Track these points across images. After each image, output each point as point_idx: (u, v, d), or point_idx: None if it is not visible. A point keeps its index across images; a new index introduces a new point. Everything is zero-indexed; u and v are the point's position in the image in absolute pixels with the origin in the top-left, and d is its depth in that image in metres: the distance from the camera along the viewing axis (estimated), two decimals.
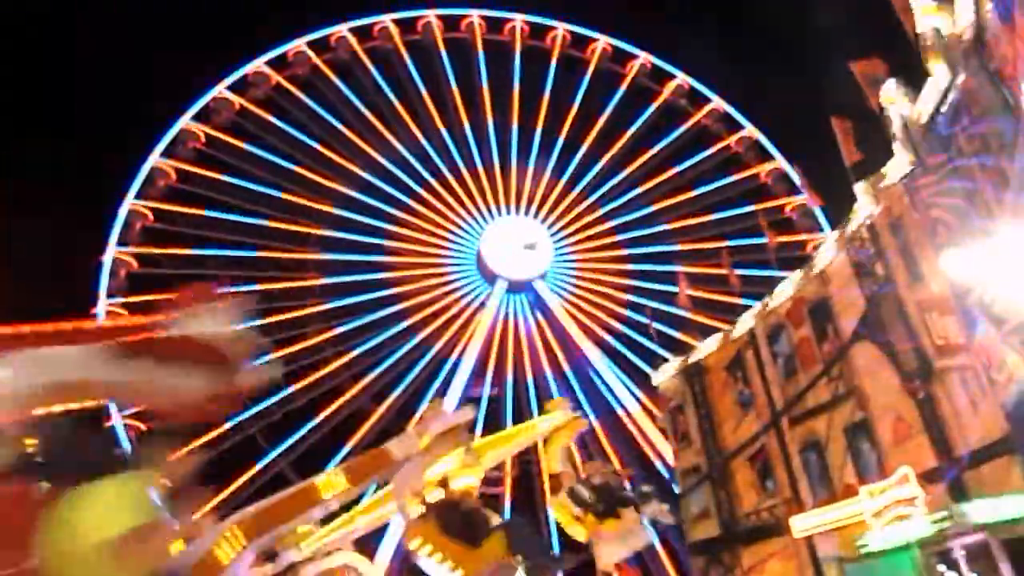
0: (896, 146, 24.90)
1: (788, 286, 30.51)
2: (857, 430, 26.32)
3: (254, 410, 41.92)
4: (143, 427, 39.69)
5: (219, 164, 46.90)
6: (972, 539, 20.14)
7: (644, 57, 53.37)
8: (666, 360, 37.97)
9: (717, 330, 36.38)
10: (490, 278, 50.44)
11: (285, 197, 47.39)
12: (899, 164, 24.83)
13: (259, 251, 46.14)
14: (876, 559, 22.54)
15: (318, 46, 49.94)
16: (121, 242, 43.31)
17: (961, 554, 20.34)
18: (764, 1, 53.48)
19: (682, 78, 53.03)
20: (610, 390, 48.27)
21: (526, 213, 52.17)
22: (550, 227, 52.28)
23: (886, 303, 25.03)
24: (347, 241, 48.40)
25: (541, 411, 48.36)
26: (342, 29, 50.48)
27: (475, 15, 53.18)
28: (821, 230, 46.12)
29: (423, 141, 51.19)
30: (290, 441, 42.38)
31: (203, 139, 46.90)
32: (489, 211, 51.66)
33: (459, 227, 50.99)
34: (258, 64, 48.54)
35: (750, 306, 33.24)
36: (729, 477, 31.88)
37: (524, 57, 53.44)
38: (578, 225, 52.72)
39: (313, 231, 47.76)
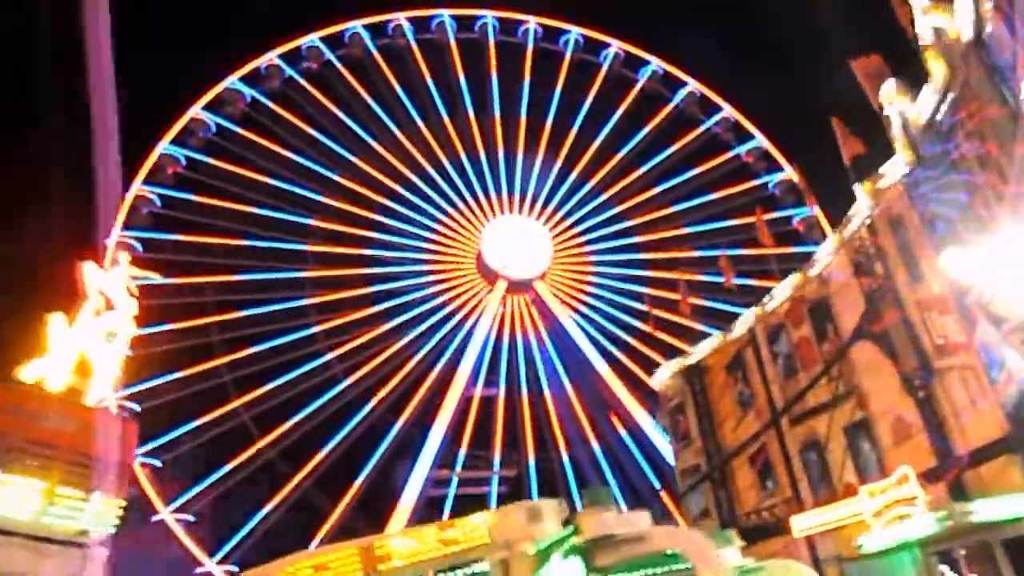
0: (896, 145, 24.90)
1: (787, 286, 30.50)
2: (857, 430, 26.30)
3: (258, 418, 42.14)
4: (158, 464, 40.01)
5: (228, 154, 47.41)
6: (972, 539, 20.12)
7: (655, 63, 53.92)
8: (666, 359, 37.96)
9: (717, 329, 36.34)
10: (491, 278, 50.46)
11: (287, 189, 47.73)
12: (899, 163, 24.83)
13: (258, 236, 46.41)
14: (876, 559, 22.52)
15: (329, 42, 50.50)
16: (149, 183, 44.06)
17: (961, 553, 20.33)
18: (764, 2, 53.49)
19: (661, 67, 53.51)
20: (608, 388, 48.26)
21: (529, 214, 52.27)
22: (550, 227, 52.33)
23: (886, 302, 25.02)
24: (346, 243, 48.50)
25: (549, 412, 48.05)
26: (356, 25, 51.01)
27: (532, 22, 54.11)
28: (822, 230, 46.23)
29: (424, 143, 51.45)
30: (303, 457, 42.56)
31: (213, 131, 47.48)
32: (491, 211, 51.72)
33: (461, 227, 51.04)
34: (271, 57, 48.98)
35: (749, 304, 33.25)
36: (729, 477, 31.87)
37: (536, 62, 54.03)
38: (577, 222, 52.81)
39: (317, 223, 47.96)
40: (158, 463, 40.03)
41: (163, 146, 45.47)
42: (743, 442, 31.27)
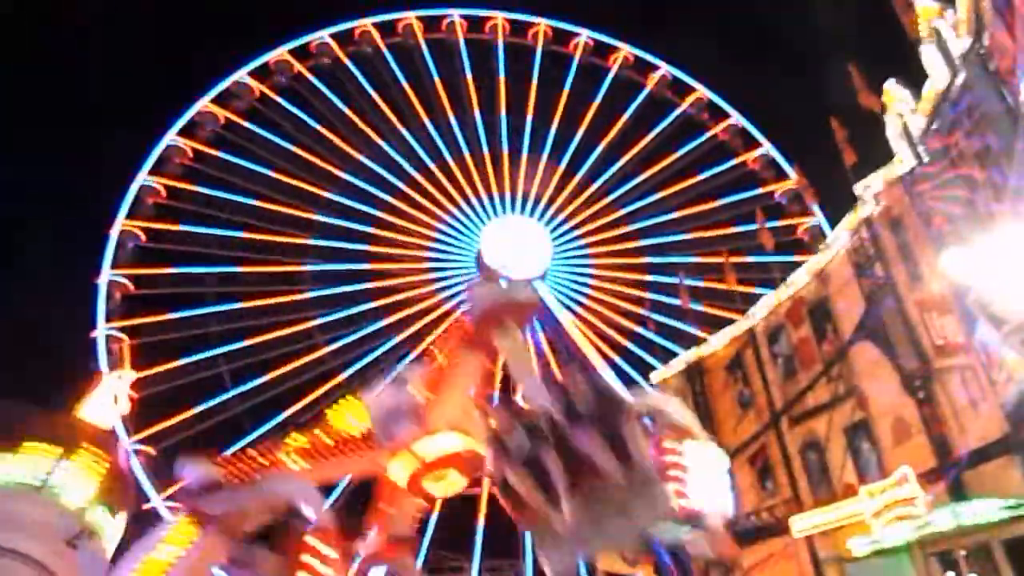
0: (896, 146, 24.92)
1: (786, 287, 30.54)
2: (857, 430, 26.31)
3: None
4: (152, 452, 40.14)
5: (226, 156, 47.59)
6: (972, 539, 20.13)
7: (660, 65, 53.80)
8: (665, 360, 37.98)
9: (717, 329, 36.34)
10: (490, 278, 50.39)
11: (286, 192, 47.90)
12: (899, 164, 24.85)
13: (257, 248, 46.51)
14: (876, 559, 22.54)
15: (303, 51, 50.52)
16: (130, 216, 44.01)
17: (961, 554, 20.34)
18: (766, 2, 53.53)
19: (667, 70, 53.38)
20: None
21: (525, 212, 52.26)
22: (550, 226, 52.31)
23: (886, 303, 25.04)
24: (347, 246, 48.58)
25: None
26: (325, 34, 50.96)
27: (500, 17, 53.91)
28: (824, 236, 46.34)
29: (425, 140, 51.52)
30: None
31: (222, 121, 47.73)
32: (489, 210, 51.74)
33: (459, 227, 51.05)
34: (242, 75, 49.04)
35: (752, 301, 33.27)
36: (729, 477, 31.83)
37: (543, 64, 54.11)
38: (577, 222, 52.79)
39: (313, 230, 48.05)
40: (152, 451, 40.03)
41: (203, 103, 46.38)
42: (743, 442, 31.25)
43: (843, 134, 28.62)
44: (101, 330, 40.98)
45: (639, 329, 49.03)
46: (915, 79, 23.71)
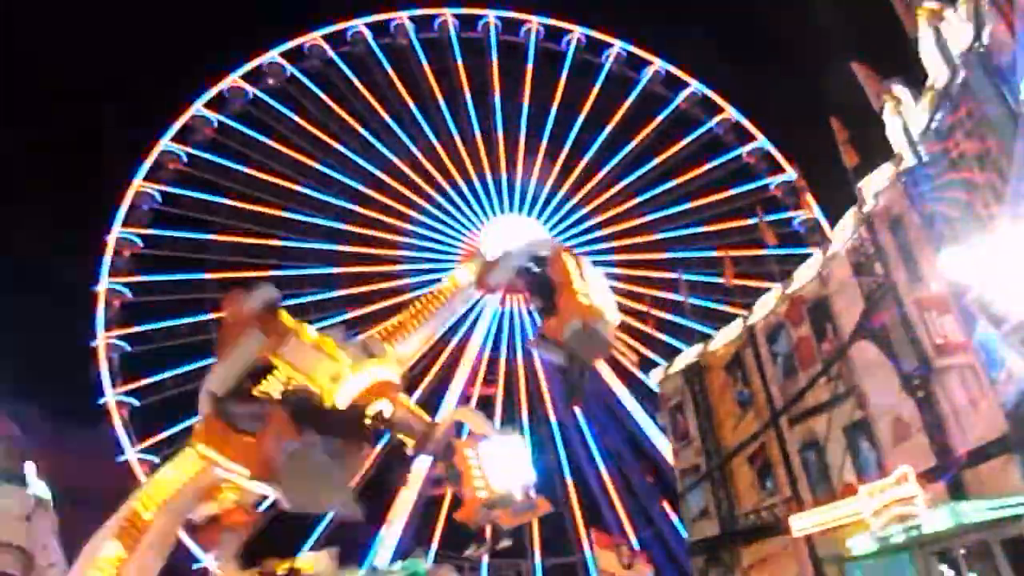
0: (895, 145, 24.94)
1: (786, 286, 30.54)
2: (856, 429, 26.33)
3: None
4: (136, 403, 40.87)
5: (229, 153, 48.17)
6: (971, 538, 20.13)
7: (657, 63, 53.71)
8: (664, 359, 38.04)
9: (716, 329, 36.34)
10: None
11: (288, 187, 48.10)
12: (898, 163, 24.86)
13: (263, 239, 46.73)
14: (876, 558, 22.54)
15: (332, 40, 50.75)
16: (127, 224, 44.48)
17: (961, 553, 20.33)
18: (765, 2, 53.54)
19: (695, 86, 53.21)
20: (608, 389, 48.31)
21: (533, 213, 52.32)
22: (550, 226, 52.34)
23: (885, 302, 25.04)
24: (348, 237, 48.62)
25: (531, 412, 48.03)
26: (358, 24, 51.30)
27: (534, 21, 54.09)
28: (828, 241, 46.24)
29: (432, 140, 51.69)
30: None
31: (215, 126, 48.05)
32: (491, 210, 51.79)
33: (459, 226, 51.05)
34: (272, 55, 49.43)
35: (749, 306, 33.30)
36: (729, 476, 31.89)
37: (539, 58, 54.10)
38: (581, 229, 52.85)
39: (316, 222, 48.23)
40: (135, 402, 41.16)
41: (196, 107, 46.98)
42: (742, 442, 31.28)
43: (844, 135, 28.63)
44: (104, 283, 41.78)
45: (639, 328, 49.06)
46: (915, 79, 23.75)
